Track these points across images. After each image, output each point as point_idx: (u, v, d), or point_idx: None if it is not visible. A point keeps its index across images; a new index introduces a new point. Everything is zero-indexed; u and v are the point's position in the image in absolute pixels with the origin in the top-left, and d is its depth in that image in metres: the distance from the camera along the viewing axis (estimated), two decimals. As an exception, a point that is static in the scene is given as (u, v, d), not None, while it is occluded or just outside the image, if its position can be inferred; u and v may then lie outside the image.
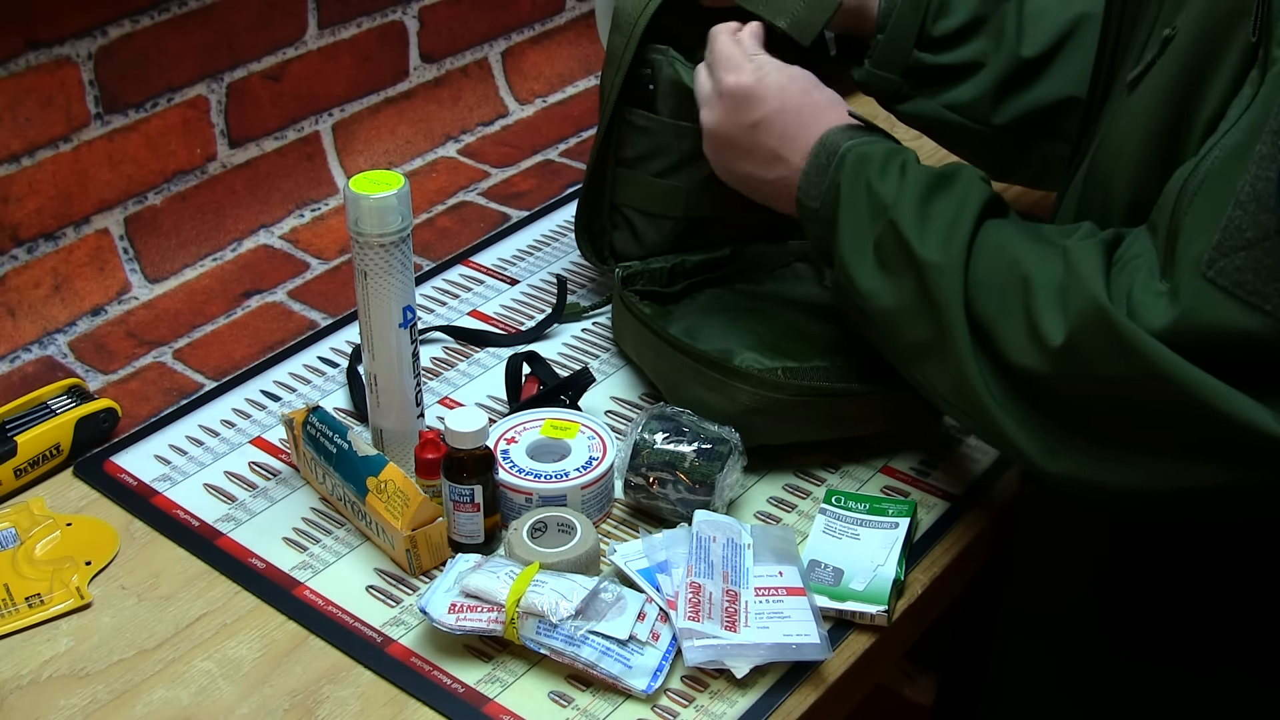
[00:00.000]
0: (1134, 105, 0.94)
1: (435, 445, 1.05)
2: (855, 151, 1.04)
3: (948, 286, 0.95)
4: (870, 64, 1.24)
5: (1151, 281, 0.85)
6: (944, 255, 0.96)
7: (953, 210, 0.98)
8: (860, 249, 1.01)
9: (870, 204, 1.01)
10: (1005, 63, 1.23)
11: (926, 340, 0.97)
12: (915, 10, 1.21)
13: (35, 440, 1.12)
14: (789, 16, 1.20)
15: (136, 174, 1.36)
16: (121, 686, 0.96)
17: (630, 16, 1.23)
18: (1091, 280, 0.87)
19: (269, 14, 1.43)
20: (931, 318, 0.96)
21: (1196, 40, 0.88)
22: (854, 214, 1.02)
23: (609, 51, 1.26)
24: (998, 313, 0.92)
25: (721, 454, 1.06)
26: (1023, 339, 0.90)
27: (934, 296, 0.95)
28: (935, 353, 0.96)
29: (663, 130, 1.26)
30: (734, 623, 0.96)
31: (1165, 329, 0.83)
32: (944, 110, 1.26)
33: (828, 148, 1.06)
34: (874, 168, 1.02)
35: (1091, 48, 1.19)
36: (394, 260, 1.05)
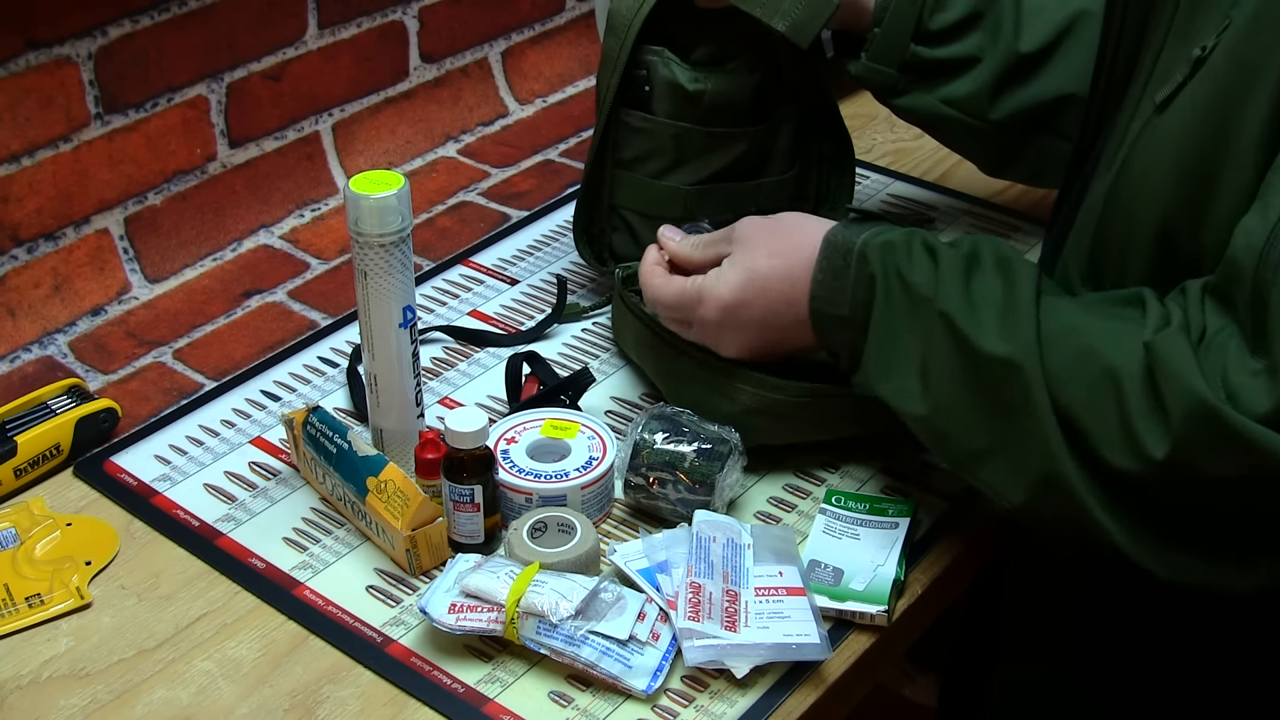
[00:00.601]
0: (1163, 129, 0.89)
1: (435, 445, 1.05)
2: (874, 242, 0.96)
3: (1026, 381, 0.86)
4: (867, 58, 1.24)
5: (1244, 360, 0.79)
6: (1013, 346, 0.87)
7: (1000, 292, 0.90)
8: (900, 349, 0.94)
9: (908, 297, 0.93)
10: (1003, 58, 1.23)
11: (988, 443, 0.90)
12: (912, 4, 1.21)
13: (35, 440, 1.12)
14: (787, 20, 1.20)
15: (136, 174, 1.36)
16: (121, 686, 0.96)
17: (625, 18, 1.23)
18: (1188, 376, 0.80)
19: (269, 14, 1.43)
20: (1000, 415, 0.88)
21: (1236, 61, 0.84)
22: (890, 310, 0.94)
23: (604, 53, 1.26)
24: (1085, 408, 0.85)
25: (721, 454, 1.06)
26: (1119, 440, 0.83)
27: (1005, 393, 0.87)
28: (1004, 453, 0.89)
29: (659, 131, 1.26)
30: (734, 623, 0.96)
31: (1271, 411, 0.77)
32: (941, 105, 1.25)
33: (838, 247, 0.98)
34: (900, 254, 0.95)
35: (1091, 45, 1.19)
36: (394, 260, 1.05)
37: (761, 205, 1.31)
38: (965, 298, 0.91)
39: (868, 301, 0.96)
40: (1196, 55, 0.88)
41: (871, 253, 0.96)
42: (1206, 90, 0.86)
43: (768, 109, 1.30)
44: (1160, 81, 0.92)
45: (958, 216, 1.48)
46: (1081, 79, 1.19)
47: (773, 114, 1.30)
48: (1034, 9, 1.24)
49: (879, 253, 0.96)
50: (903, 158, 1.58)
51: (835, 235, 0.99)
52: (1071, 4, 1.23)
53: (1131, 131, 0.94)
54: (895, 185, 1.54)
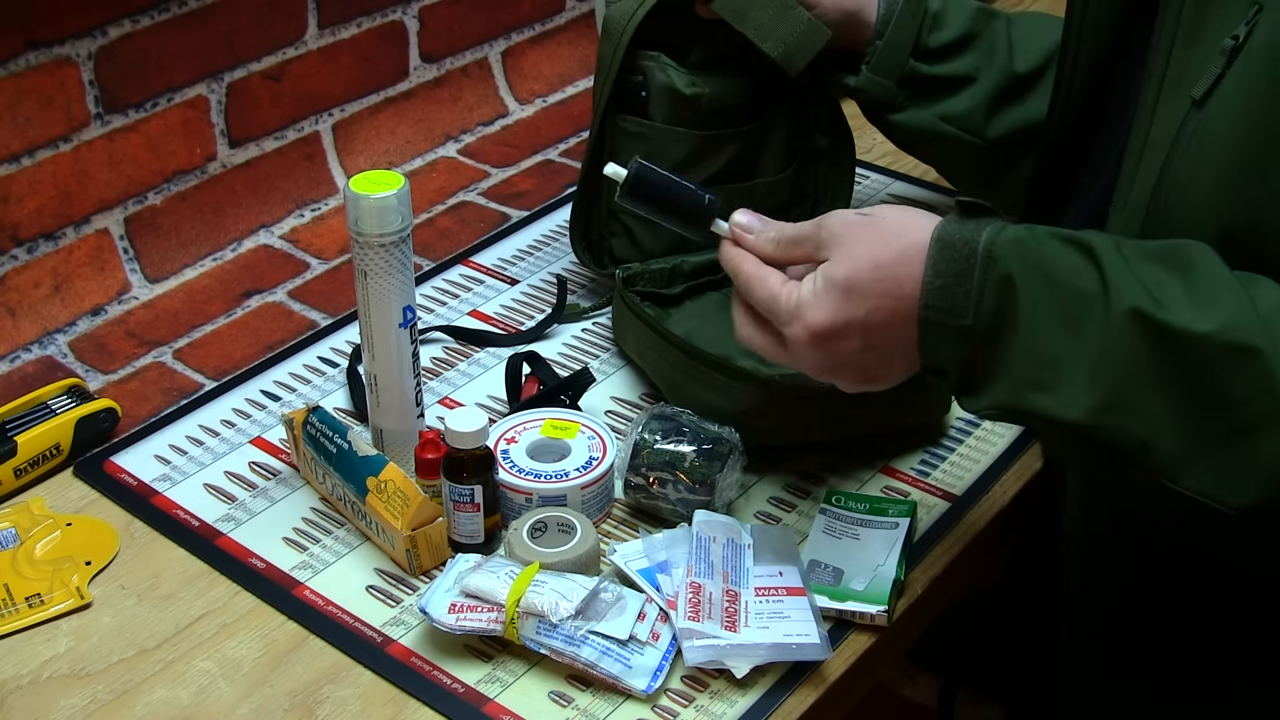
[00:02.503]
0: (1208, 125, 0.83)
1: (435, 445, 1.05)
2: (1001, 239, 0.84)
3: (1265, 366, 0.77)
4: (868, 70, 1.24)
5: None
6: (1239, 330, 0.77)
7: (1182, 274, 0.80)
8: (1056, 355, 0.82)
9: (1063, 295, 0.82)
10: (999, 76, 1.24)
11: (1200, 442, 0.80)
12: (913, 19, 1.22)
13: (35, 440, 1.12)
14: (780, 47, 1.20)
15: (136, 174, 1.36)
16: (121, 686, 0.96)
17: (618, 24, 1.23)
18: None
19: (269, 14, 1.43)
20: (1221, 410, 0.79)
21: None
22: (1038, 313, 0.82)
23: (599, 59, 1.26)
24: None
25: (721, 454, 1.06)
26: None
27: (1235, 384, 0.78)
28: (1226, 450, 0.79)
29: (658, 136, 1.26)
30: (734, 623, 0.96)
31: None
32: (938, 121, 1.26)
33: (955, 247, 0.84)
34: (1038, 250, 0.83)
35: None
36: (394, 260, 1.05)
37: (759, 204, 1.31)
38: (1144, 287, 0.80)
39: (1002, 308, 0.83)
40: (1230, 45, 0.82)
41: (1002, 251, 0.83)
42: (1254, 79, 0.81)
43: (764, 108, 1.30)
44: (1181, 77, 0.87)
45: (958, 216, 1.48)
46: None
47: (765, 112, 1.30)
48: (1026, 31, 1.25)
49: (1012, 250, 0.83)
50: (903, 157, 1.58)
51: (949, 233, 0.85)
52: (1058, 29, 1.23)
53: (1159, 135, 0.88)
54: (895, 185, 1.54)
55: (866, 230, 0.88)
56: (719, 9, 1.21)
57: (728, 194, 1.29)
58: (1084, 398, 0.81)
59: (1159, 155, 0.87)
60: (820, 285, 0.88)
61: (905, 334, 0.86)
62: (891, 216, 0.90)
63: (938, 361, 0.87)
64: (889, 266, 0.86)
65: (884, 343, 0.87)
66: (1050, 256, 0.82)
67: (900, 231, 0.88)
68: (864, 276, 0.87)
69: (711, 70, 1.26)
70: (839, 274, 0.87)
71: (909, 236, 0.87)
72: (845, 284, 0.87)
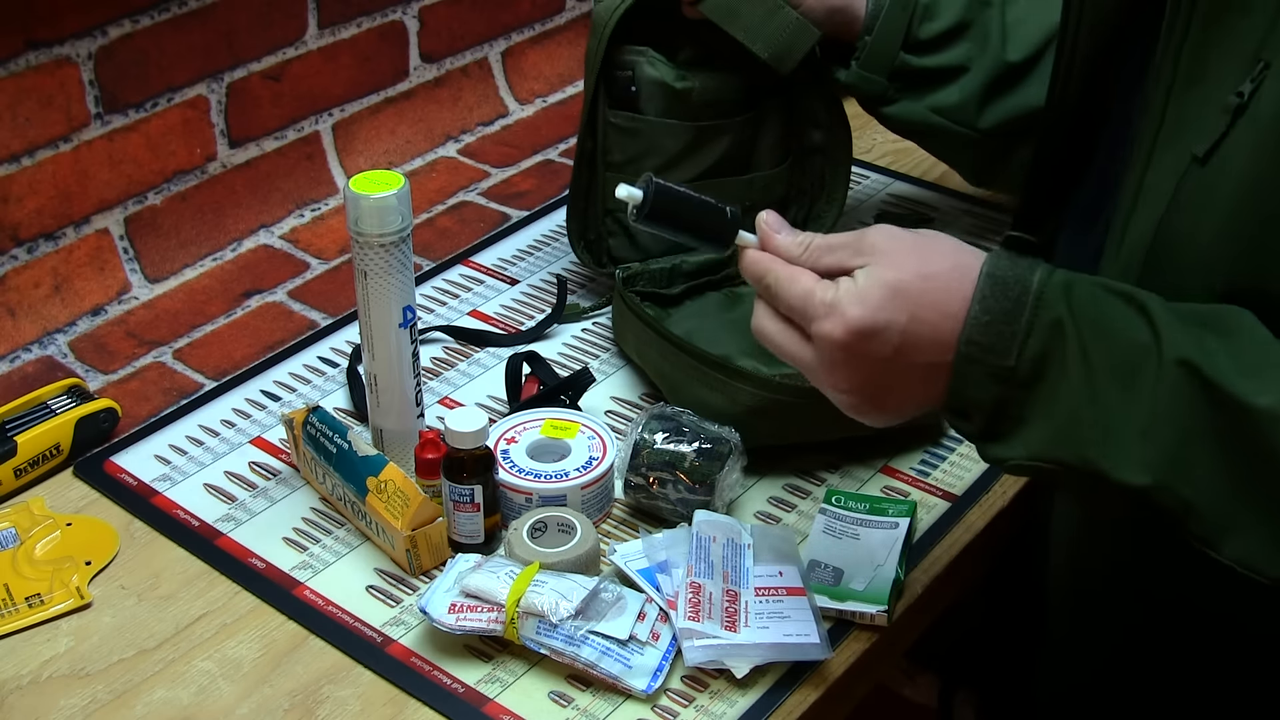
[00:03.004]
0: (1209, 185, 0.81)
1: (435, 445, 1.05)
2: (1054, 283, 0.79)
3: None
4: (857, 65, 1.24)
5: None
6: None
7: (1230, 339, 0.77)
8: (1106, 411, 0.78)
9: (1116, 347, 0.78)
10: (991, 66, 1.23)
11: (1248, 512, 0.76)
12: (903, 12, 1.22)
13: (35, 440, 1.12)
14: (770, 48, 1.21)
15: (136, 174, 1.36)
16: (121, 686, 0.96)
17: (602, 20, 1.24)
18: None
19: (269, 14, 1.43)
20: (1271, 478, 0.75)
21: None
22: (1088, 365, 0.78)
23: (586, 57, 1.26)
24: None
25: (721, 454, 1.06)
26: None
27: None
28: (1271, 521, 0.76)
29: (651, 130, 1.26)
30: (734, 623, 0.96)
31: None
32: (930, 113, 1.26)
33: (1006, 285, 0.80)
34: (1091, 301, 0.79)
35: None
36: (394, 260, 1.05)
37: (755, 199, 1.31)
38: (1200, 345, 0.76)
39: (1046, 355, 0.79)
40: (1235, 103, 0.79)
41: (1053, 295, 0.79)
42: (1259, 142, 0.78)
43: (757, 101, 1.30)
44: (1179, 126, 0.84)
45: (958, 216, 1.48)
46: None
47: (759, 105, 1.30)
48: (1016, 20, 1.24)
49: (1062, 295, 0.79)
50: (903, 158, 1.58)
51: (1000, 268, 0.80)
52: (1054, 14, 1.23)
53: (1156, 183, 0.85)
54: (895, 185, 1.54)
55: (915, 242, 0.84)
56: (707, 10, 1.21)
57: (725, 188, 1.30)
58: (1134, 453, 0.77)
59: (1157, 205, 0.84)
60: (864, 283, 0.82)
61: (938, 358, 0.81)
62: (941, 237, 0.85)
63: (965, 400, 0.82)
64: (940, 278, 0.81)
65: (915, 360, 0.82)
66: (1101, 305, 0.79)
67: (950, 252, 0.83)
68: (913, 283, 0.81)
69: (701, 66, 1.27)
70: (887, 275, 0.81)
71: (960, 258, 0.82)
72: (894, 285, 0.81)
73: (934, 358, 0.81)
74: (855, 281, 0.82)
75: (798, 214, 1.36)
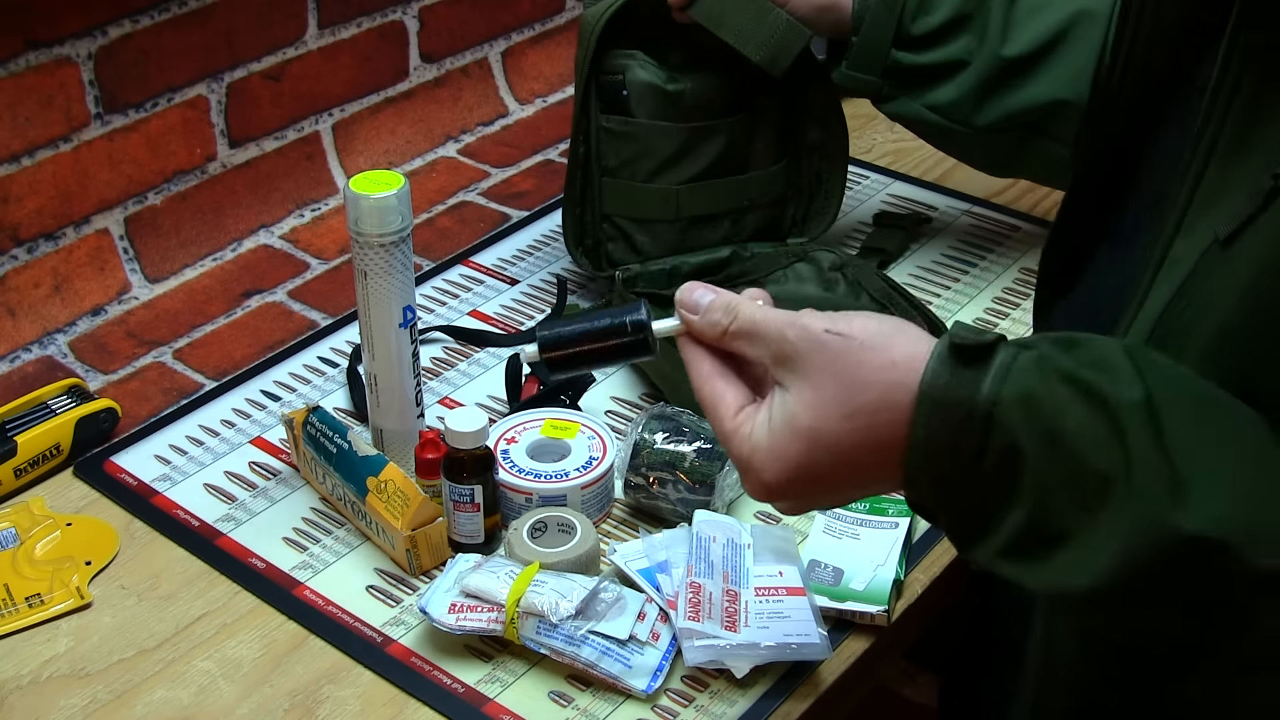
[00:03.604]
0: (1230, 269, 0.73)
1: (435, 445, 1.05)
2: (1007, 397, 0.68)
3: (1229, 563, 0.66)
4: (847, 66, 1.23)
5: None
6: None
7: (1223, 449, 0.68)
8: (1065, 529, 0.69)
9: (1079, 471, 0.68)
10: (987, 63, 1.21)
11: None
12: (889, 10, 1.20)
13: (35, 440, 1.12)
14: (761, 51, 1.20)
15: (136, 174, 1.36)
16: (121, 686, 0.96)
17: (588, 25, 1.24)
18: None
19: (269, 14, 1.43)
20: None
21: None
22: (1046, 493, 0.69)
23: (576, 63, 1.26)
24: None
25: (721, 454, 1.06)
26: None
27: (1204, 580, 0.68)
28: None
29: (644, 133, 1.26)
30: (734, 623, 0.96)
31: None
32: (925, 111, 1.24)
33: (948, 407, 0.69)
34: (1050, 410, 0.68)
35: (1091, 47, 1.16)
36: (394, 260, 1.05)
37: (752, 199, 1.31)
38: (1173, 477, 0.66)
39: (1003, 478, 0.69)
40: (1270, 186, 0.72)
41: (1006, 415, 0.68)
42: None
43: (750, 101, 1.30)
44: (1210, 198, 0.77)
45: (958, 216, 1.48)
46: (1078, 84, 1.16)
47: (752, 105, 1.30)
48: (1030, 8, 1.21)
49: (1018, 413, 0.68)
50: (903, 158, 1.58)
51: (939, 389, 0.69)
52: (1073, 3, 1.20)
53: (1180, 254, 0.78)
54: (895, 185, 1.54)
55: (839, 360, 0.73)
56: (697, 15, 1.21)
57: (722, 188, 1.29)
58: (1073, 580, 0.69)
59: (1175, 277, 0.77)
60: (779, 429, 0.74)
61: (885, 477, 0.73)
62: (871, 342, 0.73)
63: (925, 505, 0.74)
64: (866, 414, 0.72)
65: (857, 485, 0.76)
66: (1064, 422, 0.68)
67: (881, 368, 0.72)
68: (833, 426, 0.72)
69: (692, 67, 1.27)
70: (803, 419, 0.73)
71: (891, 377, 0.71)
72: (810, 433, 0.73)
73: (878, 477, 0.74)
74: (770, 424, 0.74)
75: (795, 213, 1.36)
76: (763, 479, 0.75)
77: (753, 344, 0.76)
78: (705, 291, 0.79)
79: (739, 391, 0.77)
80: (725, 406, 0.77)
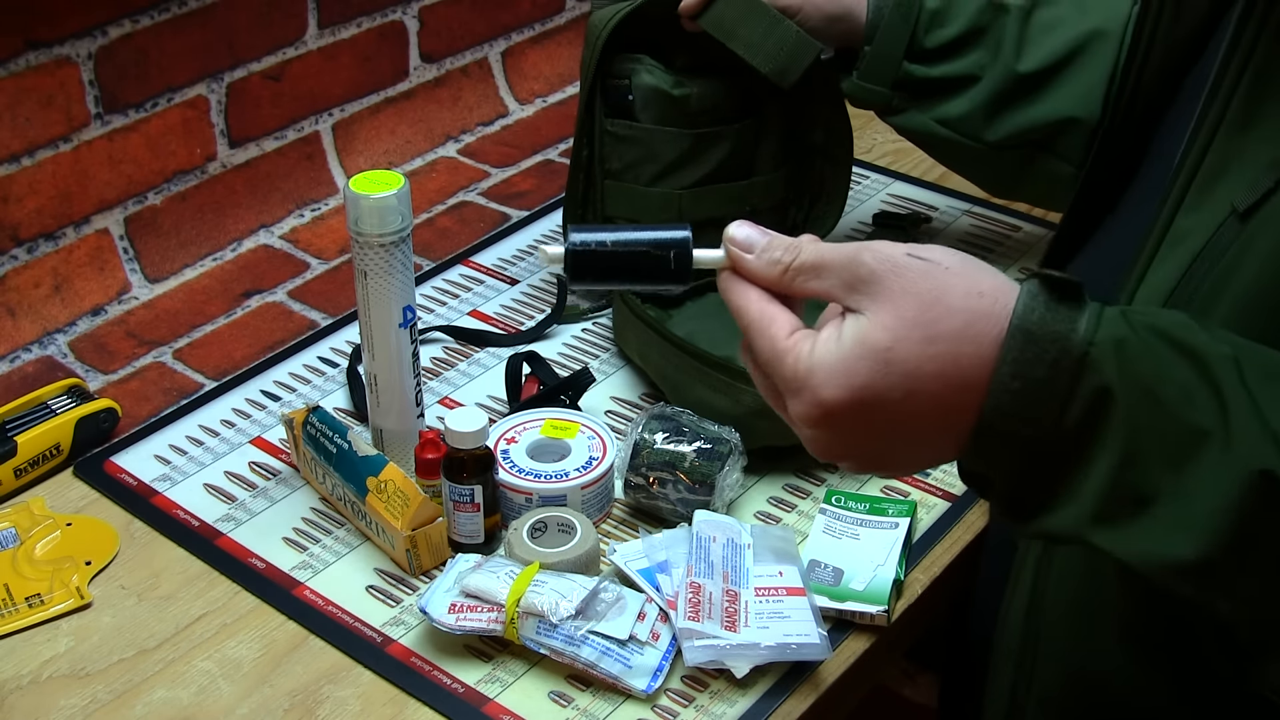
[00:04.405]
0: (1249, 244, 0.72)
1: (435, 445, 1.05)
2: (1103, 341, 0.65)
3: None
4: (858, 76, 1.22)
5: None
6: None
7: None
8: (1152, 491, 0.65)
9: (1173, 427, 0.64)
10: (1000, 77, 1.20)
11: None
12: (904, 21, 1.19)
13: (35, 440, 1.12)
14: (771, 63, 1.20)
15: (136, 174, 1.36)
16: (121, 686, 0.96)
17: (596, 29, 1.23)
18: None
19: (269, 14, 1.43)
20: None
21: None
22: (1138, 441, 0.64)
23: (582, 66, 1.26)
24: None
25: (721, 454, 1.06)
26: None
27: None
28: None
29: (648, 138, 1.26)
30: (734, 623, 0.96)
31: None
32: (935, 125, 1.23)
33: (1041, 343, 0.65)
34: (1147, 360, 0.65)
35: (1102, 66, 1.15)
36: (394, 260, 1.05)
37: (755, 203, 1.31)
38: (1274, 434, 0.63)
39: (1090, 426, 0.65)
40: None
41: (1101, 356, 0.64)
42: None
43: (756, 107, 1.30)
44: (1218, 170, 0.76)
45: (958, 216, 1.48)
46: (1089, 102, 1.15)
47: (758, 110, 1.30)
48: (1044, 25, 1.20)
49: (1112, 356, 0.64)
50: (903, 158, 1.58)
51: (1034, 321, 0.65)
52: (1086, 22, 1.19)
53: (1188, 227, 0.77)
54: (895, 185, 1.54)
55: (922, 281, 0.67)
56: (706, 26, 1.21)
57: (725, 193, 1.29)
58: (1175, 548, 0.64)
59: (1186, 251, 0.76)
60: (849, 347, 0.67)
61: (951, 426, 0.67)
62: (956, 268, 0.67)
63: (984, 469, 0.68)
64: (949, 341, 0.65)
65: (918, 434, 0.68)
66: (1159, 370, 0.64)
67: (968, 294, 0.66)
68: (913, 351, 0.66)
69: (698, 73, 1.26)
70: (880, 339, 0.66)
71: (978, 305, 0.66)
72: (887, 354, 0.66)
73: (948, 426, 0.67)
74: (839, 341, 0.67)
75: (797, 216, 1.36)
76: (820, 396, 0.67)
77: (820, 277, 0.69)
78: (760, 231, 0.72)
79: (793, 318, 0.70)
80: (779, 326, 0.69)
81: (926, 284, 0.66)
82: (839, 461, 0.72)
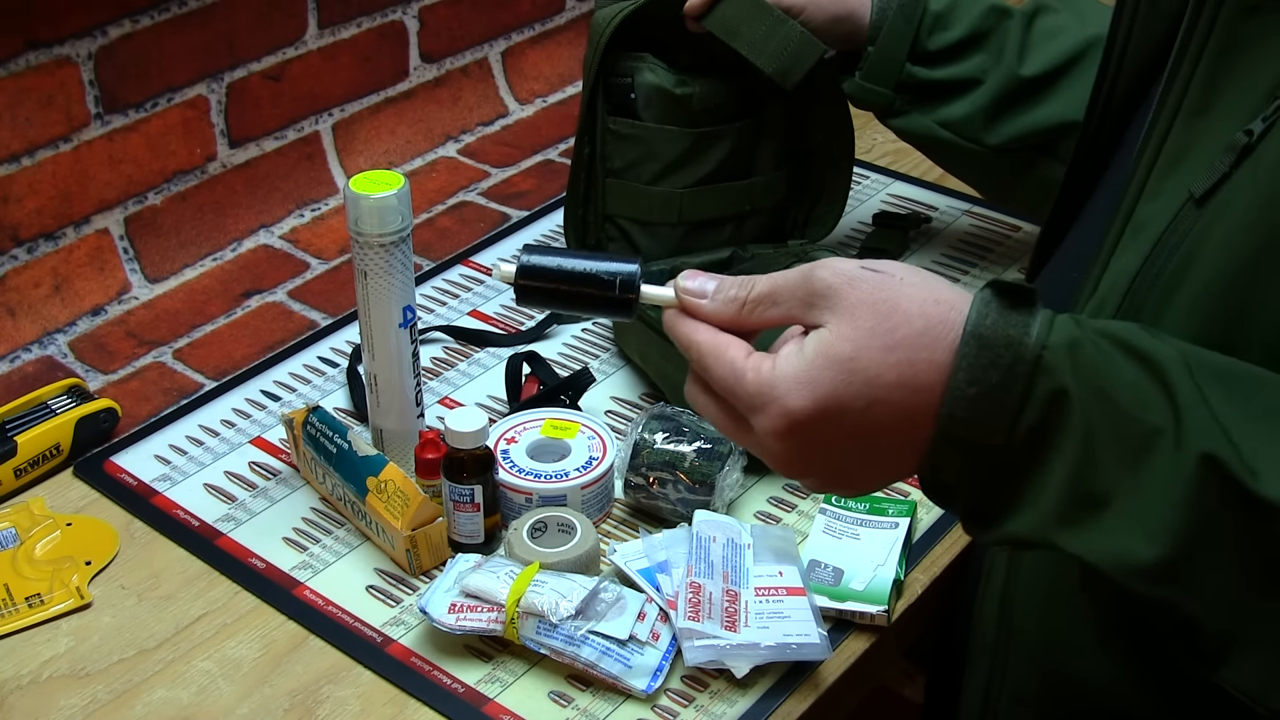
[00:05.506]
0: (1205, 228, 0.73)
1: (435, 445, 1.05)
2: (1056, 344, 0.66)
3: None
4: (860, 77, 1.23)
5: None
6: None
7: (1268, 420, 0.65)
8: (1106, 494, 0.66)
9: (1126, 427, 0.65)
10: (1003, 80, 1.21)
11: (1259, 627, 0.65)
12: (908, 23, 1.20)
13: (35, 440, 1.12)
14: (774, 63, 1.20)
15: (136, 174, 1.36)
16: (121, 686, 0.96)
17: (599, 27, 1.24)
18: None
19: (269, 14, 1.43)
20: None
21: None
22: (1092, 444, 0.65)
23: (584, 64, 1.26)
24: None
25: (721, 454, 1.06)
26: None
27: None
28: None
29: (650, 137, 1.26)
30: (734, 623, 0.96)
31: None
32: (936, 127, 1.23)
33: (996, 347, 0.66)
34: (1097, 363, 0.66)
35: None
36: (394, 260, 1.05)
37: (755, 203, 1.31)
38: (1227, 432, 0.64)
39: (1045, 429, 0.66)
40: (1243, 141, 0.71)
41: (1055, 359, 0.65)
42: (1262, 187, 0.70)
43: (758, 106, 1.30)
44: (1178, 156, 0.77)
45: (958, 216, 1.48)
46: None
47: (760, 110, 1.30)
48: (1047, 31, 1.21)
49: (1066, 360, 0.65)
50: (903, 158, 1.58)
51: (988, 327, 0.66)
52: (1086, 29, 1.20)
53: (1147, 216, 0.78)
54: (895, 185, 1.54)
55: (878, 291, 0.68)
56: (710, 26, 1.21)
57: (726, 193, 1.29)
58: (1133, 548, 0.65)
59: (1146, 239, 0.77)
60: (811, 358, 0.68)
61: (909, 437, 0.68)
62: (910, 279, 0.69)
63: (945, 479, 0.70)
64: (907, 348, 0.67)
65: (878, 444, 0.69)
66: (1111, 373, 0.66)
67: (924, 302, 0.68)
68: (874, 359, 0.67)
69: (701, 72, 1.26)
70: (842, 349, 0.67)
71: (934, 312, 0.67)
72: (847, 362, 0.67)
73: (906, 437, 0.68)
74: (800, 354, 0.68)
75: (797, 215, 1.36)
76: (787, 405, 0.68)
77: (777, 303, 0.71)
78: (708, 277, 0.74)
79: (746, 344, 0.72)
80: (735, 349, 0.71)
81: (883, 294, 0.68)
82: (802, 478, 0.73)
